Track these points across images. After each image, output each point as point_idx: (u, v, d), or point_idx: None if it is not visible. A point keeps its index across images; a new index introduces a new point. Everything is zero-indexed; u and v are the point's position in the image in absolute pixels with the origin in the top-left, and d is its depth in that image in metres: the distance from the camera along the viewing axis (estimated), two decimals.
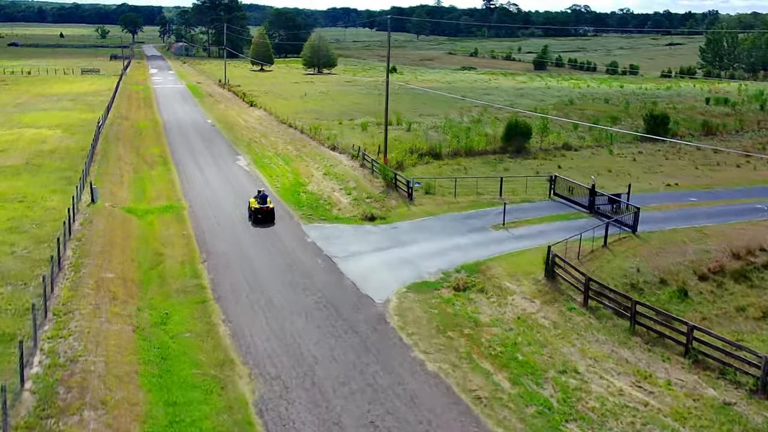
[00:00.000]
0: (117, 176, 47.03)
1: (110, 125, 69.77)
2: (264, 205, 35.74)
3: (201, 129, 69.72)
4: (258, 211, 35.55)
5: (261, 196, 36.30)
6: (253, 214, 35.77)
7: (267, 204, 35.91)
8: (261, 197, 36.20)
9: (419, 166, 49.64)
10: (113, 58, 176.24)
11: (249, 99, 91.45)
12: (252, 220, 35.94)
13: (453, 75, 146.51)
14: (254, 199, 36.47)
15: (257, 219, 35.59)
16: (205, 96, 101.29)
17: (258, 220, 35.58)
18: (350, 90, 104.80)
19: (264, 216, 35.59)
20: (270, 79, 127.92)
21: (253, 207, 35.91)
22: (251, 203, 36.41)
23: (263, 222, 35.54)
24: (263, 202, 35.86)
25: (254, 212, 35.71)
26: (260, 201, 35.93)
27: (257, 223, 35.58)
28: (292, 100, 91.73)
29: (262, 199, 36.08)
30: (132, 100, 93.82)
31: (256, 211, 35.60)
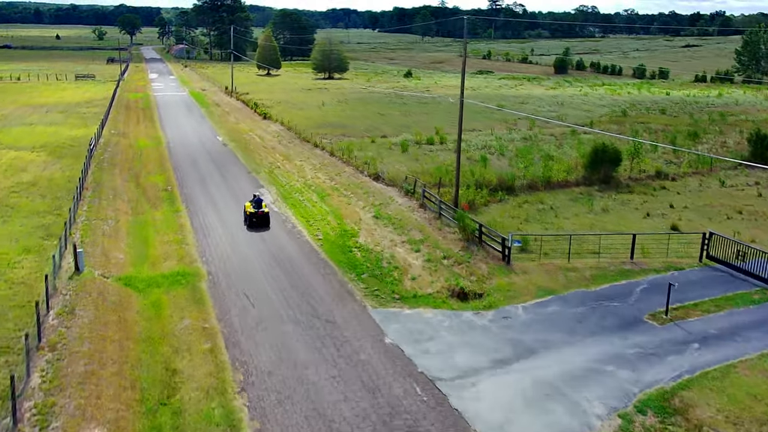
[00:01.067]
0: (111, 221, 36.38)
1: (105, 145, 59.09)
2: (259, 209, 35.38)
3: (211, 149, 59.08)
4: (253, 215, 35.28)
5: (256, 200, 35.97)
6: (248, 218, 35.39)
7: (262, 208, 35.57)
8: (256, 201, 35.89)
9: (493, 204, 39.13)
10: (110, 62, 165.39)
11: (262, 110, 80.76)
12: (247, 224, 35.49)
13: (473, 80, 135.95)
14: (249, 203, 36.19)
15: (252, 223, 35.20)
16: (211, 106, 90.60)
17: (253, 224, 35.19)
18: (370, 98, 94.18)
19: (259, 220, 35.23)
20: (279, 86, 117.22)
21: (248, 211, 35.55)
22: (246, 207, 36.04)
23: (259, 226, 35.09)
24: (258, 206, 35.50)
25: (249, 216, 35.34)
26: (255, 205, 35.58)
27: (252, 227, 35.12)
28: (309, 111, 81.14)
29: (257, 203, 35.72)
30: (130, 112, 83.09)
31: (251, 215, 35.26)
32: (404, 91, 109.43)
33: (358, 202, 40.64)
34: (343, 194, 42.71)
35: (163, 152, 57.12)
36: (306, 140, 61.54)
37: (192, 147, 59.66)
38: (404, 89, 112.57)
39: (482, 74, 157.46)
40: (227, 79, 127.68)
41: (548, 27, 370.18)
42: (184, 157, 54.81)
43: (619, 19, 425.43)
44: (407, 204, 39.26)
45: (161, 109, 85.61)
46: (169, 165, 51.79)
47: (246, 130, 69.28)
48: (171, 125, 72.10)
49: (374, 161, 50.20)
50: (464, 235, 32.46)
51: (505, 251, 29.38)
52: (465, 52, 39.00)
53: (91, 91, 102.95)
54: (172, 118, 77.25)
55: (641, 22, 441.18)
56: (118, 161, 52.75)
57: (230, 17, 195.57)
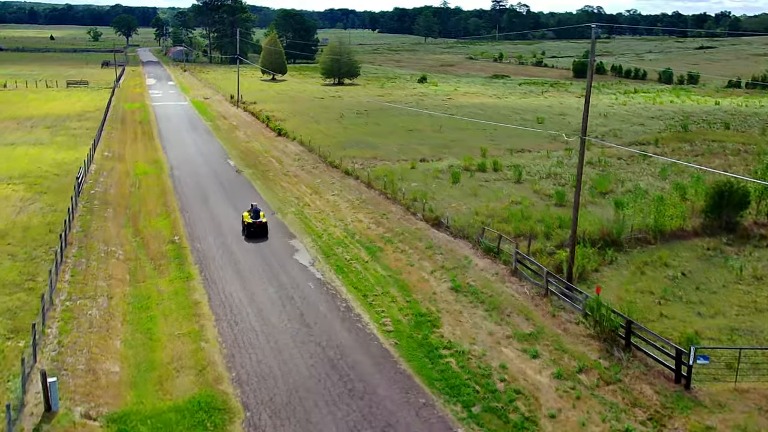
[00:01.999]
0: (102, 299, 26.86)
1: (97, 173, 49.42)
2: (257, 219, 34.80)
3: (223, 178, 49.43)
4: (251, 225, 34.61)
5: (254, 210, 35.25)
6: (246, 229, 34.69)
7: (260, 218, 34.92)
8: (254, 211, 35.17)
9: (604, 269, 29.70)
10: (105, 65, 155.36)
11: (275, 125, 71.09)
12: (245, 234, 34.75)
13: (494, 86, 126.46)
14: (247, 213, 35.39)
15: (250, 233, 34.53)
16: (216, 118, 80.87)
17: (251, 234, 34.54)
18: (392, 110, 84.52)
19: (257, 230, 34.64)
20: (288, 93, 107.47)
21: (246, 221, 34.80)
22: (244, 217, 35.28)
23: (256, 236, 34.47)
24: (256, 217, 34.91)
25: (247, 226, 34.64)
26: (253, 215, 34.95)
27: (250, 237, 34.47)
28: (328, 126, 71.60)
29: (255, 213, 35.07)
30: (126, 126, 73.33)
31: (248, 226, 34.56)
32: (424, 98, 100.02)
33: (423, 263, 31.13)
34: (399, 248, 33.19)
35: (166, 183, 47.45)
36: (333, 165, 51.96)
37: (200, 175, 49.99)
38: (423, 97, 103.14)
39: (499, 78, 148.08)
40: (230, 85, 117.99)
41: (553, 28, 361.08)
42: (192, 190, 45.15)
43: (622, 19, 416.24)
44: (491, 268, 29.77)
45: (161, 122, 75.86)
46: (174, 202, 42.14)
47: (260, 151, 59.66)
48: (173, 144, 62.46)
49: (425, 197, 40.81)
50: (598, 330, 23.00)
51: (680, 369, 19.88)
52: (590, 72, 29.17)
53: (83, 100, 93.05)
54: (173, 135, 67.59)
55: (644, 22, 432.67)
56: (112, 198, 43.06)
57: (231, 18, 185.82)
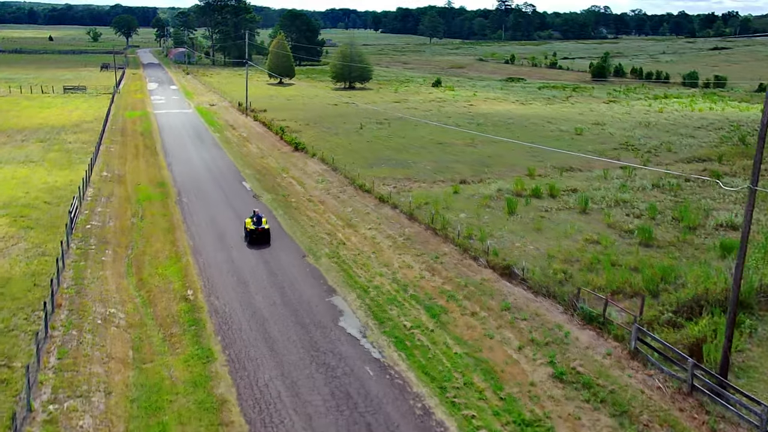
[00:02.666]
0: (97, 400, 20.22)
1: (94, 200, 42.73)
2: (259, 225, 34.49)
3: (239, 206, 42.68)
4: (253, 231, 34.35)
5: (257, 216, 34.97)
6: (248, 235, 34.47)
7: (263, 225, 34.61)
8: (257, 217, 34.89)
9: (749, 345, 23.02)
10: (104, 68, 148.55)
11: (290, 138, 64.36)
12: (248, 241, 34.50)
13: (514, 91, 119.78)
14: (249, 219, 35.14)
15: (252, 240, 34.30)
16: (225, 129, 74.22)
17: (253, 240, 34.30)
18: (413, 119, 77.81)
19: (259, 237, 34.41)
20: (299, 99, 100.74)
21: (248, 228, 34.54)
22: (247, 223, 35.06)
23: (258, 243, 34.28)
24: (258, 223, 34.60)
25: (249, 233, 34.41)
26: (255, 222, 34.67)
27: (252, 244, 34.22)
28: (348, 139, 64.99)
29: (257, 219, 34.75)
30: (127, 139, 66.68)
31: (251, 232, 34.33)
32: (444, 105, 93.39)
33: (505, 333, 24.52)
34: (468, 309, 26.58)
35: (174, 212, 40.77)
36: (363, 188, 45.26)
37: (212, 202, 43.32)
38: (442, 103, 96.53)
39: (515, 81, 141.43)
40: (236, 89, 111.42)
41: (559, 28, 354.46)
42: (205, 224, 38.46)
43: (628, 19, 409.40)
44: (599, 345, 23.15)
45: (165, 134, 69.18)
46: (185, 240, 35.47)
47: (277, 170, 52.98)
48: (179, 161, 55.83)
49: (482, 234, 34.22)
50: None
51: None
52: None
53: (80, 108, 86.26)
54: (179, 149, 60.96)
55: (651, 22, 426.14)
56: (112, 233, 36.37)
57: (234, 19, 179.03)
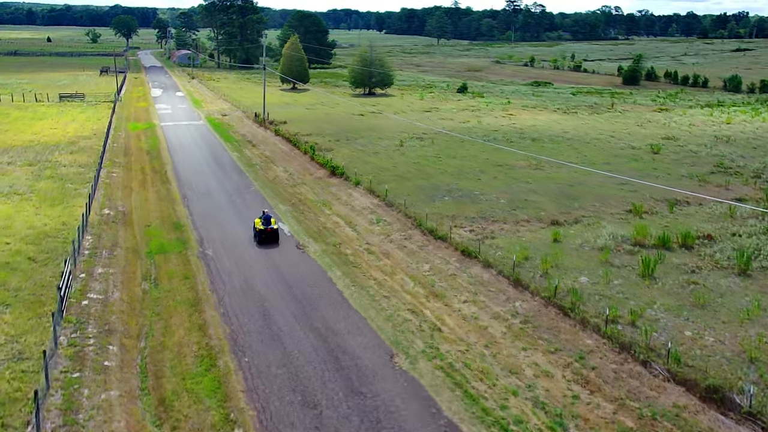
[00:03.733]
0: None
1: (93, 255, 32.84)
2: (268, 225, 34.64)
3: (283, 266, 32.81)
4: (262, 231, 34.59)
5: (265, 217, 35.02)
6: (258, 235, 34.75)
7: (271, 224, 34.75)
8: (265, 218, 35.01)
9: None
10: (104, 73, 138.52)
11: (323, 159, 54.53)
12: (257, 241, 34.70)
13: (548, 97, 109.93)
14: (258, 219, 35.36)
15: (261, 240, 34.56)
16: (243, 145, 64.39)
17: (262, 241, 34.53)
18: (458, 135, 68.08)
19: (268, 237, 34.66)
20: (319, 108, 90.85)
21: (257, 228, 34.74)
22: (256, 223, 35.22)
23: (267, 243, 34.42)
24: (267, 223, 34.75)
25: (258, 233, 34.69)
26: (264, 222, 34.83)
27: (261, 244, 34.49)
28: (391, 159, 55.28)
29: (265, 220, 34.91)
30: (131, 160, 56.77)
31: (260, 232, 34.61)
32: (480, 115, 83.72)
33: None
34: None
35: (198, 272, 30.99)
36: (434, 234, 35.56)
37: (245, 255, 33.46)
38: (478, 113, 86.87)
39: (542, 86, 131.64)
40: (247, 95, 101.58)
41: (569, 28, 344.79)
42: (241, 295, 28.59)
43: (637, 19, 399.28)
44: None
45: (175, 154, 59.28)
46: (218, 323, 25.62)
47: (317, 204, 43.14)
48: (196, 192, 45.99)
49: (633, 315, 24.61)
50: None
51: None
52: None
53: (77, 120, 76.27)
54: (194, 175, 51.08)
55: (659, 23, 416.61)
56: (116, 314, 26.49)
57: (241, 19, 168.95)
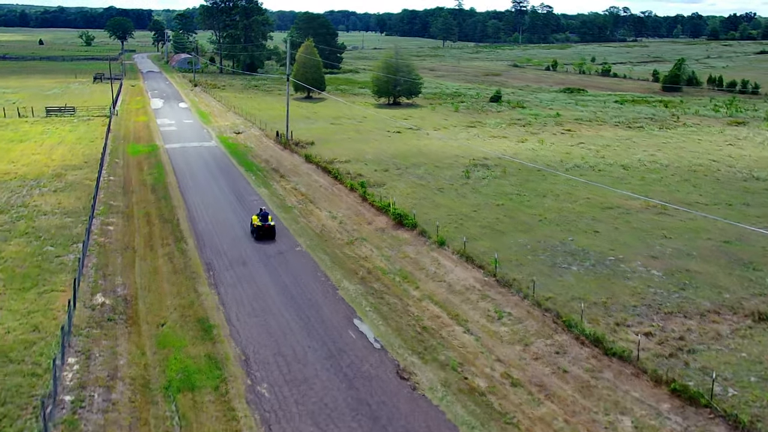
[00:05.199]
0: None
1: (74, 413, 19.93)
2: (265, 222, 35.06)
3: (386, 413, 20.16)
4: (260, 228, 34.90)
5: (262, 214, 35.50)
6: (255, 231, 35.05)
7: (268, 221, 35.28)
8: (262, 215, 35.42)
9: None
10: (97, 79, 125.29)
11: (378, 200, 41.91)
12: (255, 236, 35.01)
13: (596, 107, 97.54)
14: (256, 216, 35.61)
15: (259, 235, 34.91)
16: (269, 175, 51.66)
17: (260, 236, 34.90)
18: (518, 159, 55.74)
19: (265, 233, 35.01)
20: (346, 123, 78.17)
21: (255, 224, 35.10)
22: (253, 220, 35.57)
23: (264, 238, 34.82)
24: (264, 220, 35.16)
25: (256, 229, 34.97)
26: (261, 218, 35.17)
27: (259, 239, 34.77)
28: (465, 200, 42.89)
29: (263, 216, 35.32)
30: (132, 202, 43.93)
31: (258, 228, 34.91)
32: (542, 135, 71.32)
33: None
34: None
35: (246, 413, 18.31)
36: (599, 343, 22.97)
37: (319, 390, 20.76)
38: (529, 127, 74.43)
39: (576, 93, 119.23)
40: (259, 107, 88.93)
41: (576, 30, 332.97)
42: None
43: (646, 20, 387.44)
44: None
45: (188, 191, 46.43)
46: None
47: (395, 278, 30.50)
48: (222, 254, 33.31)
49: None
50: None
51: None
52: None
53: (66, 142, 63.34)
54: (215, 224, 38.34)
55: (665, 24, 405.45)
56: None
57: (245, 21, 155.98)
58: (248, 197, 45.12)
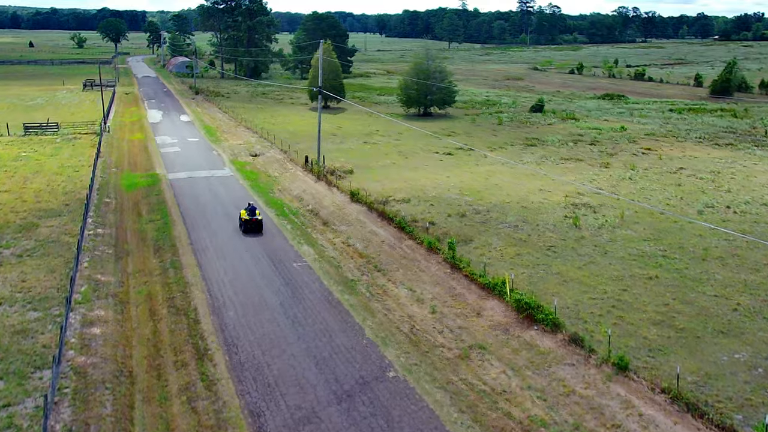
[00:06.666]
0: None
1: None
2: (253, 216, 35.24)
3: None
4: (247, 222, 35.17)
5: (250, 208, 35.60)
6: (243, 225, 35.38)
7: (256, 215, 35.42)
8: (250, 209, 35.54)
9: None
10: (87, 87, 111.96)
11: (468, 265, 29.14)
12: (242, 230, 35.42)
13: (653, 118, 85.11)
14: (244, 210, 35.87)
15: (246, 229, 35.23)
16: (307, 222, 38.79)
17: (247, 230, 35.19)
18: (626, 198, 43.36)
19: (253, 226, 35.31)
20: (380, 140, 65.53)
21: (242, 218, 35.41)
22: (241, 214, 35.82)
23: (252, 232, 35.09)
24: (252, 214, 35.32)
25: (244, 222, 35.32)
26: (249, 212, 35.35)
27: (247, 233, 35.06)
28: (598, 270, 30.34)
29: (251, 210, 35.43)
30: (128, 274, 31.04)
31: (245, 222, 35.23)
32: (640, 163, 58.89)
33: None
34: None
35: None
36: None
37: None
38: (597, 146, 62.00)
39: (617, 99, 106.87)
40: (272, 119, 76.29)
41: (585, 30, 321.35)
42: None
43: (656, 21, 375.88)
44: None
45: (202, 250, 33.54)
46: None
47: None
48: (271, 389, 20.47)
49: None
50: None
51: None
52: None
53: (44, 171, 50.22)
54: (250, 317, 25.57)
55: (671, 23, 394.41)
56: None
57: (249, 22, 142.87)
58: (289, 263, 32.21)
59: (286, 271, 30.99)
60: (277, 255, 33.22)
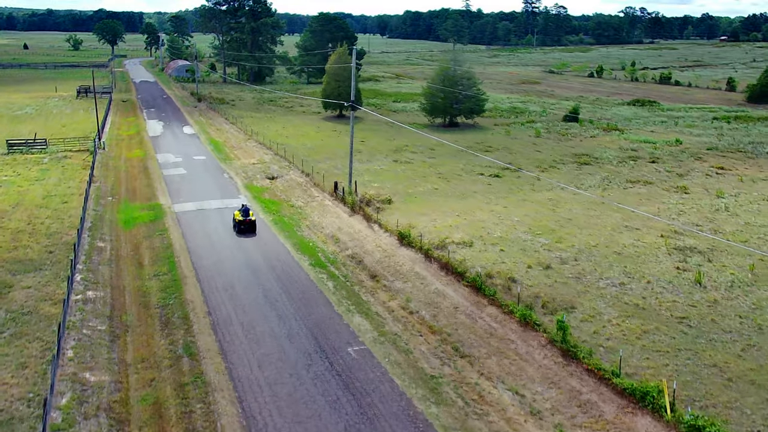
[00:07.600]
0: None
1: None
2: (246, 217, 35.58)
3: None
4: (241, 222, 35.46)
5: (244, 210, 35.99)
6: (237, 225, 35.61)
7: (249, 216, 35.74)
8: (244, 210, 35.96)
9: None
10: (81, 94, 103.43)
11: (585, 354, 21.00)
12: (236, 231, 35.62)
13: (710, 128, 77.17)
14: (238, 211, 36.04)
15: (240, 230, 35.52)
16: (351, 277, 30.62)
17: (241, 230, 35.48)
18: (732, 242, 35.37)
19: (247, 227, 35.59)
20: (412, 157, 57.45)
21: (236, 219, 35.62)
22: (235, 215, 35.97)
23: (246, 232, 35.44)
24: (246, 215, 35.68)
25: (238, 224, 35.54)
26: (243, 213, 35.72)
27: (240, 233, 35.31)
28: (752, 356, 21.69)
29: (244, 212, 35.84)
30: (127, 361, 22.81)
31: (239, 223, 35.48)
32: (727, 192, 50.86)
33: None
34: None
35: None
36: None
37: None
38: (658, 164, 54.03)
39: (647, 105, 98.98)
40: (285, 131, 67.69)
41: (591, 32, 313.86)
42: None
43: (646, 21, 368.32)
44: None
45: (222, 324, 25.52)
46: None
47: None
48: None
49: None
50: None
51: None
52: None
53: (26, 202, 41.91)
54: None
55: (677, 23, 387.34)
56: None
57: (253, 24, 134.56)
58: (343, 348, 24.01)
59: (342, 364, 22.80)
60: (325, 333, 25.04)
